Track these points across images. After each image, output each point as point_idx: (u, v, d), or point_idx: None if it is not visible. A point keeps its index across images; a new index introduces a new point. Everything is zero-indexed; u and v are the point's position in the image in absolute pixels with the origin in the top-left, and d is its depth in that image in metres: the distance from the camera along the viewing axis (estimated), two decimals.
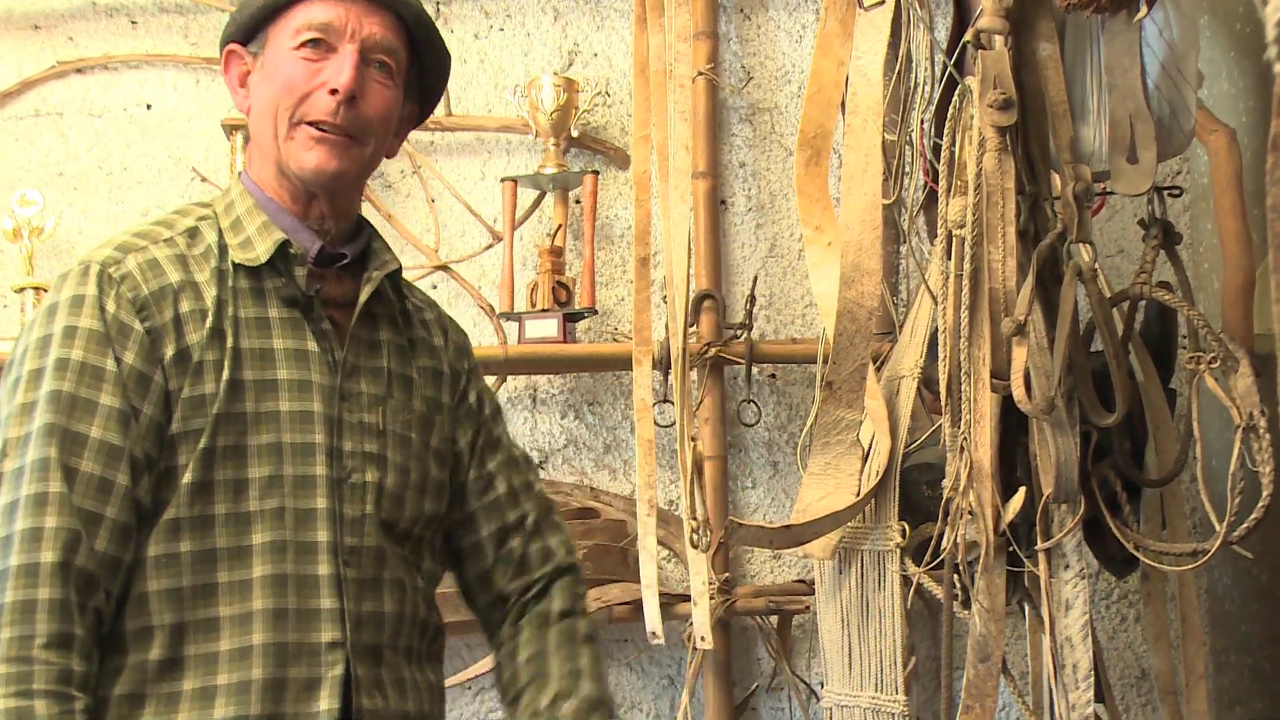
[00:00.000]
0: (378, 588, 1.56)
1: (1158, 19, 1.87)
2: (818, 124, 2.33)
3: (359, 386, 1.59)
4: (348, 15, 1.58)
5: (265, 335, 1.55)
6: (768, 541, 2.16)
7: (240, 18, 1.62)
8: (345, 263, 1.63)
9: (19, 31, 2.87)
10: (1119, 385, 1.87)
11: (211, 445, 1.49)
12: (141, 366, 1.49)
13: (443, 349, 1.73)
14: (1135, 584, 2.59)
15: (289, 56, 1.57)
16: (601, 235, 2.84)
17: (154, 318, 1.50)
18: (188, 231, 1.59)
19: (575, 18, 2.89)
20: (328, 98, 1.56)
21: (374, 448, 1.58)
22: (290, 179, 1.59)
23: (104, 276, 1.51)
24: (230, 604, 1.48)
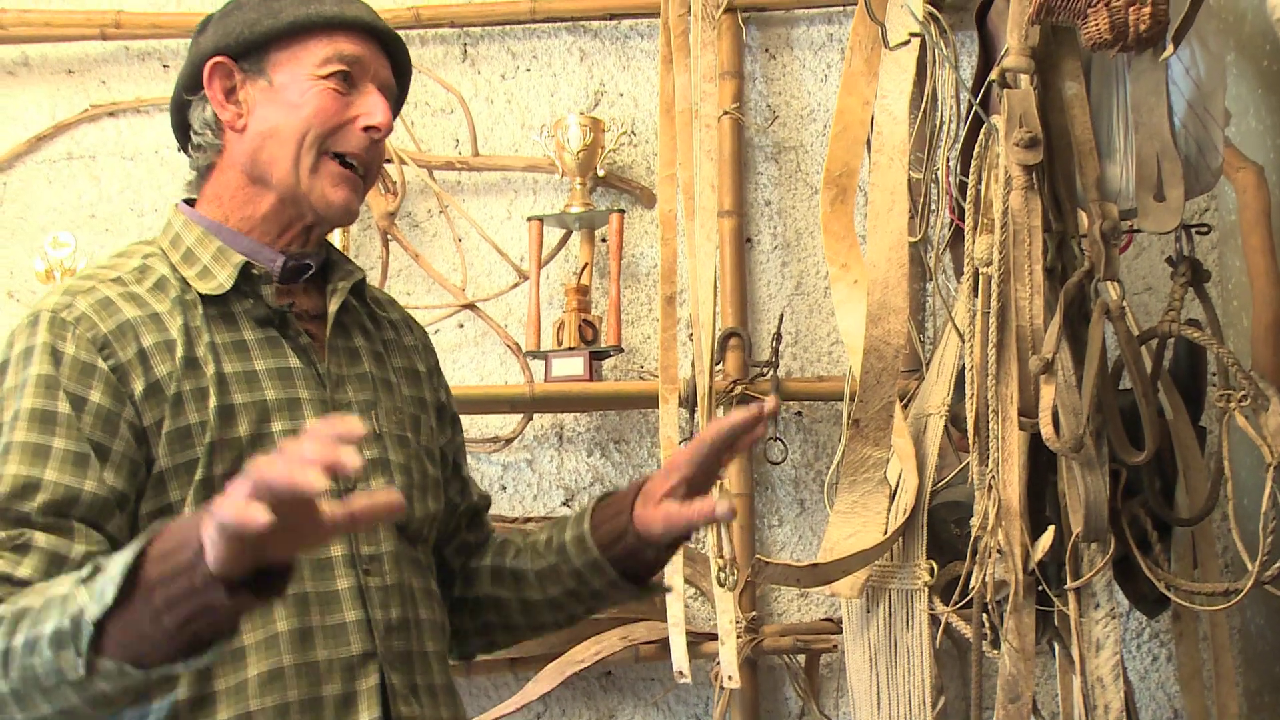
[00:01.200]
0: (402, 593, 1.55)
1: (1184, 57, 1.87)
2: (843, 162, 2.33)
3: (347, 395, 1.58)
4: (371, 55, 1.60)
5: (245, 358, 1.52)
6: (795, 580, 2.15)
7: (244, 33, 1.58)
8: (309, 276, 1.62)
9: (53, 76, 2.91)
10: (1148, 423, 1.86)
11: (209, 475, 1.46)
12: (109, 404, 1.44)
13: (414, 348, 1.74)
14: (1167, 623, 2.56)
15: (316, 85, 1.56)
16: (627, 273, 2.85)
17: (117, 355, 1.46)
18: (135, 269, 1.55)
19: (601, 58, 2.91)
20: (361, 134, 1.57)
21: (374, 453, 1.57)
22: (298, 208, 1.57)
23: (55, 321, 1.46)
24: (253, 630, 1.45)
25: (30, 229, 2.86)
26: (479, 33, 2.91)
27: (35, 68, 2.92)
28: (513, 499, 2.81)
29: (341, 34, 1.58)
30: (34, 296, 2.82)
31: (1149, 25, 1.72)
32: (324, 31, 1.57)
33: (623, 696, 2.76)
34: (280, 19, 1.57)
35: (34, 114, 2.90)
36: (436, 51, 2.91)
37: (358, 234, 2.84)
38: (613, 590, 1.66)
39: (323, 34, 1.57)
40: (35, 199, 2.88)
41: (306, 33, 1.57)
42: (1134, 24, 1.72)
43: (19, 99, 2.91)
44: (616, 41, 2.91)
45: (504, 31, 2.91)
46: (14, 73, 2.92)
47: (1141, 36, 1.73)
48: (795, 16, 2.89)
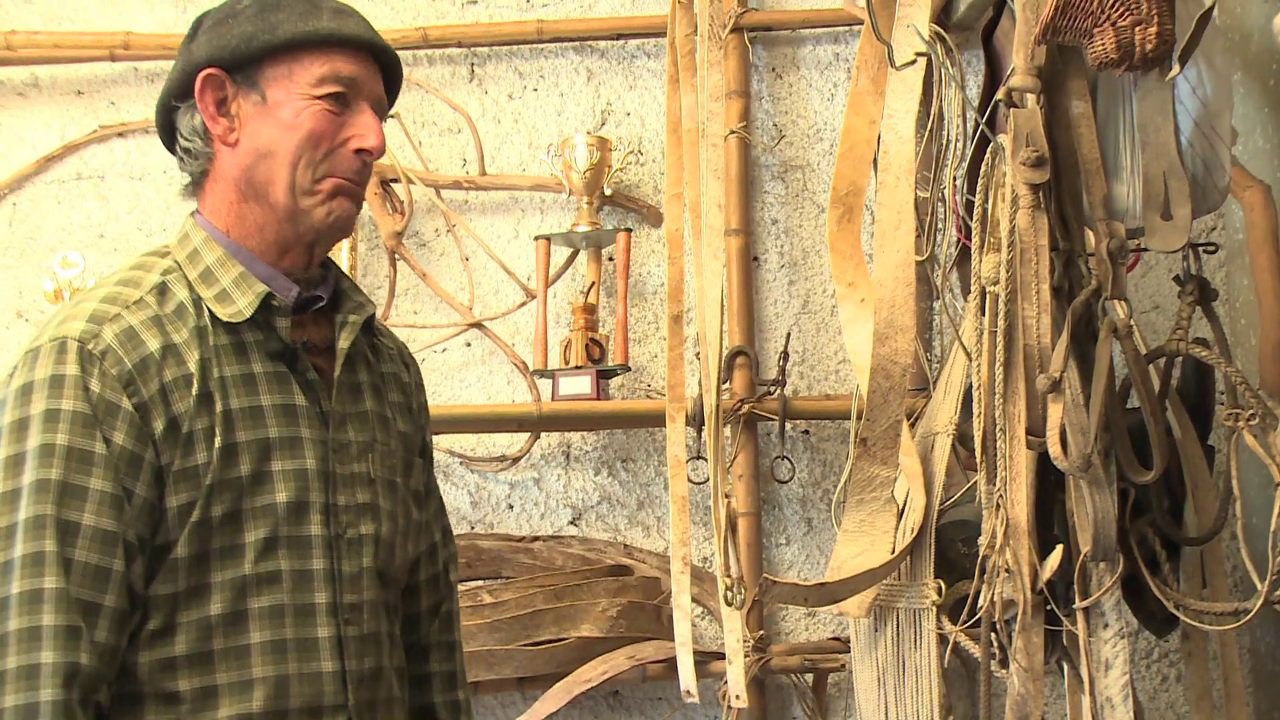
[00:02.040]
0: (375, 643, 1.55)
1: (1190, 76, 1.87)
2: (850, 181, 2.34)
3: (347, 435, 1.57)
4: (366, 73, 1.57)
5: (252, 393, 1.50)
6: (802, 599, 2.15)
7: (240, 47, 1.54)
8: (319, 305, 1.61)
9: (62, 96, 2.92)
10: (1156, 442, 1.85)
11: (205, 516, 1.45)
12: (133, 446, 1.43)
13: (409, 384, 1.73)
14: (1176, 643, 2.55)
15: (311, 105, 1.53)
16: (634, 292, 2.85)
17: (140, 392, 1.45)
18: (156, 289, 1.52)
19: (608, 78, 2.92)
20: (353, 156, 1.55)
21: (366, 497, 1.56)
22: (296, 228, 1.55)
23: (84, 354, 1.44)
24: (228, 671, 1.45)
25: (39, 249, 2.87)
26: (486, 53, 2.92)
27: (45, 89, 2.93)
28: (520, 518, 2.80)
29: (338, 52, 1.55)
30: (43, 316, 2.83)
31: (1155, 45, 1.72)
32: (320, 49, 1.54)
33: (630, 716, 2.75)
34: (277, 34, 1.54)
35: (43, 135, 2.91)
36: (444, 71, 2.92)
37: (365, 253, 2.85)
38: None
39: (319, 51, 1.54)
40: (44, 219, 2.89)
41: (302, 49, 1.54)
42: (1140, 43, 1.72)
43: (28, 120, 2.92)
44: (623, 61, 2.92)
45: (511, 51, 2.92)
46: (23, 94, 2.93)
47: (1148, 56, 1.73)
48: (801, 36, 2.89)
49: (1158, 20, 1.71)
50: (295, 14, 1.55)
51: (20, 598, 1.36)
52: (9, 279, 2.87)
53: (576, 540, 2.78)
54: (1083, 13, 1.74)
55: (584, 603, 2.57)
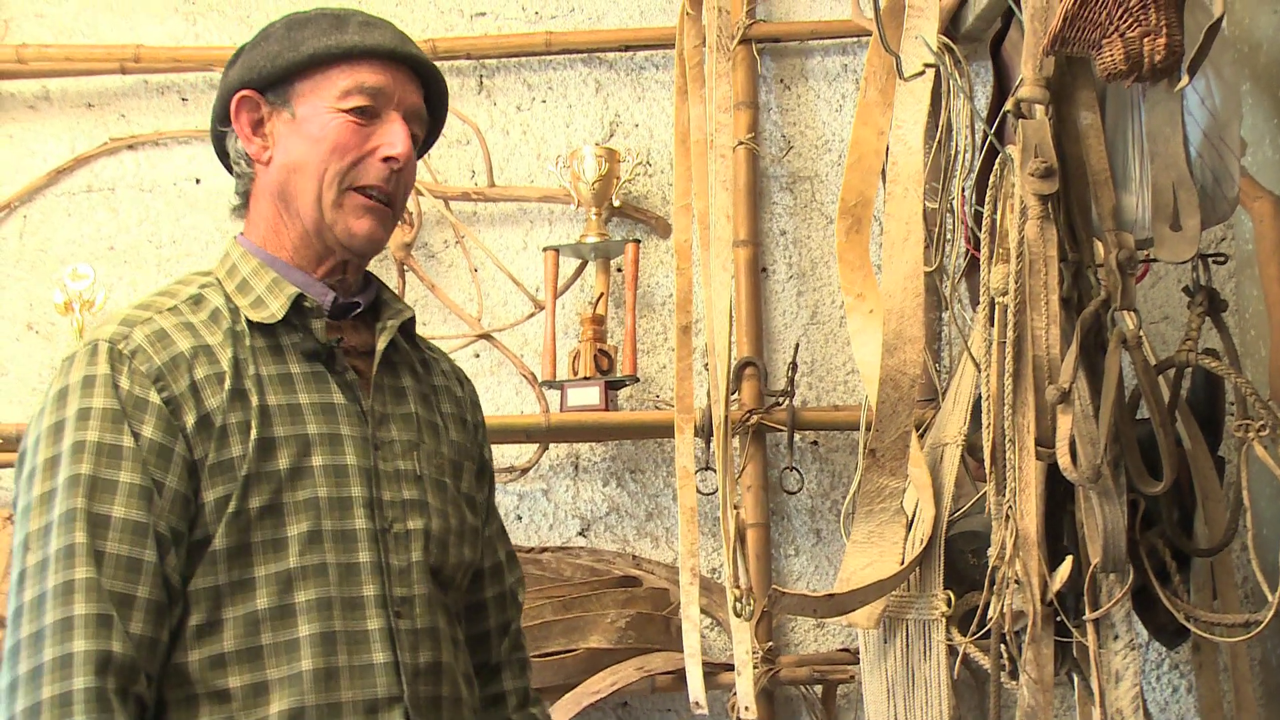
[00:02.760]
0: (433, 638, 1.54)
1: (1199, 87, 1.87)
2: (858, 192, 2.34)
3: (391, 434, 1.58)
4: (395, 83, 1.58)
5: (290, 391, 1.52)
6: (811, 610, 2.14)
7: (266, 66, 1.58)
8: (358, 312, 1.62)
9: (73, 109, 2.93)
10: (1166, 453, 1.85)
11: (242, 508, 1.46)
12: (161, 439, 1.45)
13: (463, 399, 1.74)
14: (1187, 655, 2.55)
15: (336, 117, 1.55)
16: (643, 303, 2.85)
17: (170, 388, 1.47)
18: (191, 299, 1.56)
19: (616, 89, 2.92)
20: (381, 165, 1.56)
21: (414, 494, 1.57)
22: (325, 242, 1.57)
23: (114, 353, 1.47)
24: (278, 666, 1.45)
25: (50, 261, 2.88)
26: (495, 64, 2.93)
27: (55, 101, 2.94)
28: (529, 529, 2.80)
29: (363, 64, 1.57)
30: (53, 328, 2.84)
31: (1164, 55, 1.72)
32: (345, 62, 1.56)
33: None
34: (300, 51, 1.56)
35: (54, 147, 2.92)
36: (453, 83, 2.92)
37: (375, 265, 2.84)
38: None
39: (344, 64, 1.56)
40: (55, 231, 2.90)
41: (328, 64, 1.56)
42: (1149, 54, 1.72)
43: (39, 132, 2.93)
44: (631, 73, 2.92)
45: (520, 63, 2.93)
46: (34, 106, 2.94)
47: (1156, 67, 1.73)
48: (810, 47, 2.90)
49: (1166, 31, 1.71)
50: (320, 30, 1.58)
51: (55, 591, 1.38)
52: (20, 291, 2.88)
53: (585, 551, 2.77)
54: (1091, 24, 1.74)
55: (593, 614, 2.56)
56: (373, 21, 1.61)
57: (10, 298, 2.89)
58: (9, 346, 2.86)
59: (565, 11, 2.94)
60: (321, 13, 1.61)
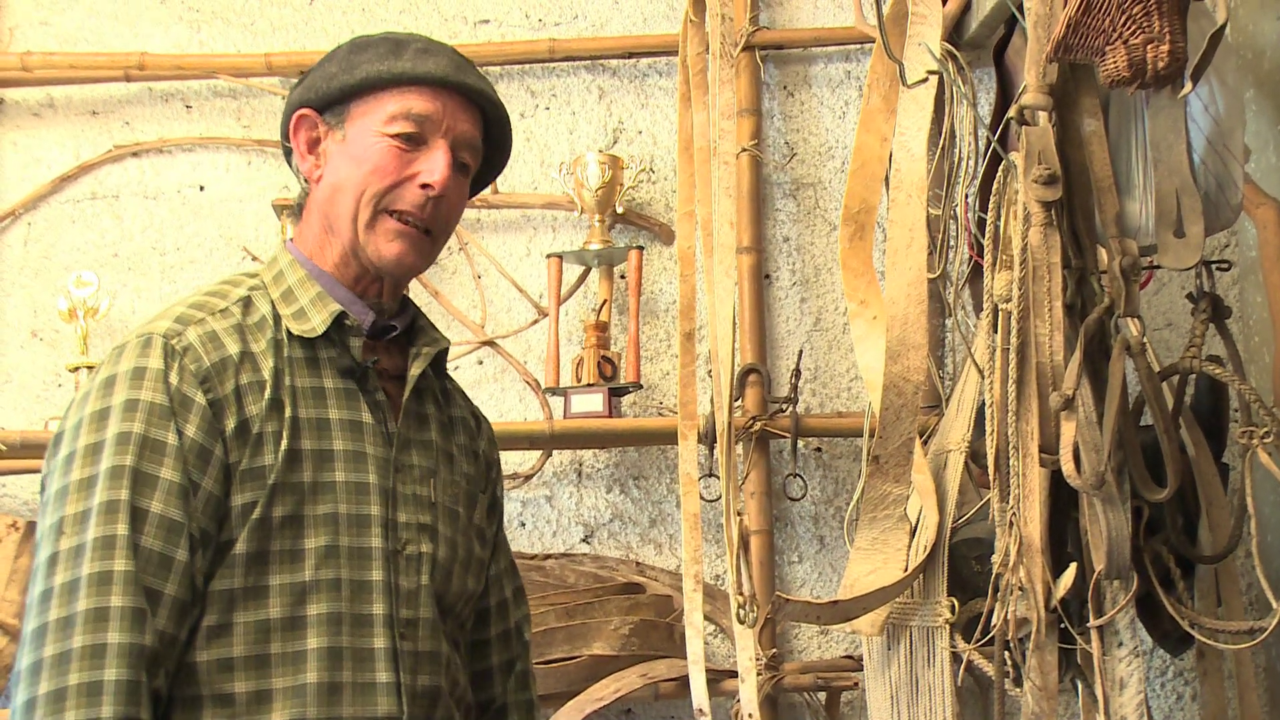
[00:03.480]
0: (434, 661, 1.55)
1: (1203, 94, 1.87)
2: (862, 199, 2.34)
3: (411, 459, 1.59)
4: (444, 110, 1.59)
5: (321, 405, 1.54)
6: (815, 617, 2.14)
7: (326, 86, 1.60)
8: (394, 335, 1.64)
9: (77, 117, 2.94)
10: (1170, 460, 1.85)
11: (266, 515, 1.48)
12: (203, 440, 1.47)
13: (477, 434, 1.75)
14: (1191, 662, 2.54)
15: (380, 141, 1.57)
16: (646, 310, 2.85)
17: (216, 390, 1.49)
18: (241, 301, 1.58)
19: (620, 96, 2.92)
20: (418, 191, 1.57)
21: (427, 519, 1.58)
22: (361, 262, 1.60)
23: (168, 349, 1.49)
24: (284, 676, 1.46)
25: (54, 268, 2.88)
26: (498, 71, 2.93)
27: (60, 109, 2.95)
28: (532, 535, 2.80)
29: (413, 90, 1.58)
30: (58, 336, 2.84)
31: (1167, 63, 1.72)
32: (396, 87, 1.58)
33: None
34: (354, 75, 1.59)
35: (58, 154, 2.93)
36: None
37: None
38: None
39: (395, 90, 1.58)
40: (59, 238, 2.90)
41: (380, 88, 1.58)
42: (1152, 61, 1.72)
43: (44, 140, 2.94)
44: (635, 80, 2.93)
45: (523, 70, 2.93)
46: (39, 114, 2.95)
47: (1160, 74, 1.73)
48: (813, 54, 2.90)
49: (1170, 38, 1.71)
50: (378, 55, 1.60)
51: (90, 579, 1.39)
52: (24, 298, 2.89)
53: (588, 558, 2.77)
54: (1094, 31, 1.74)
55: (596, 621, 2.56)
56: (432, 48, 1.62)
57: (14, 305, 2.89)
58: (13, 354, 2.86)
59: (569, 19, 2.95)
60: (385, 37, 1.63)
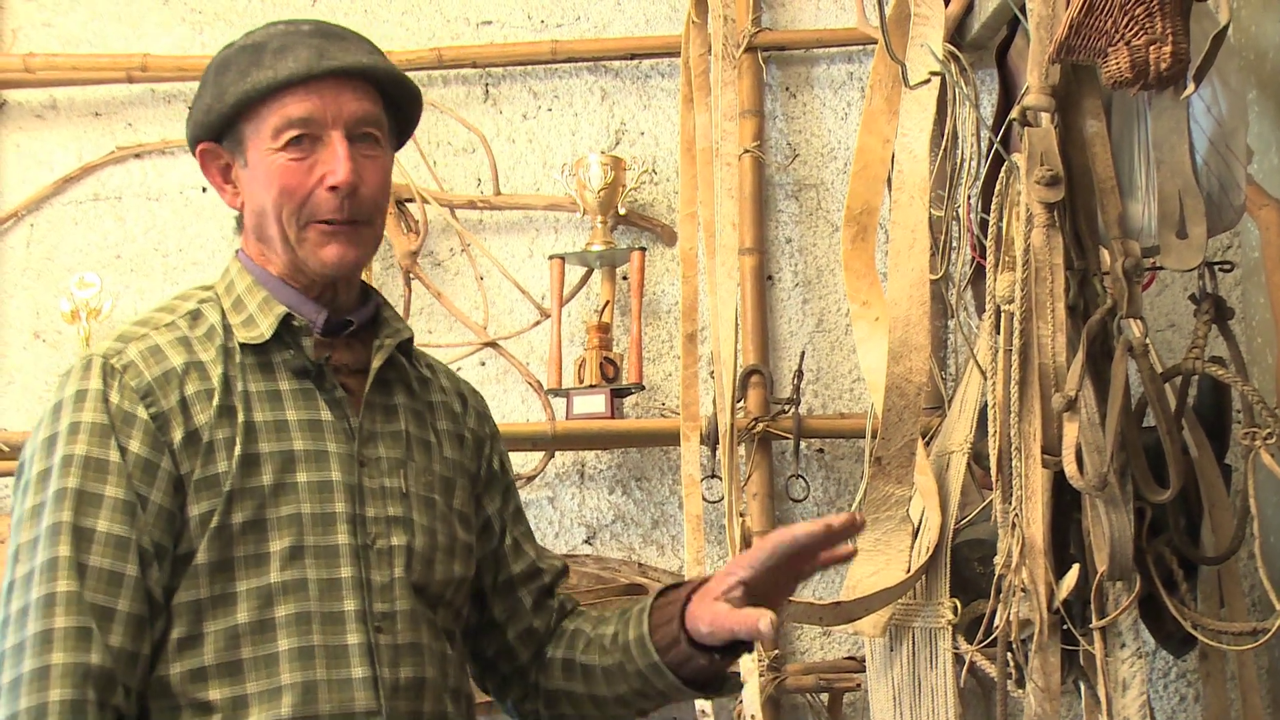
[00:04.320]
0: (415, 653, 1.54)
1: (1205, 95, 1.87)
2: (864, 200, 2.34)
3: (377, 451, 1.57)
4: (324, 102, 1.53)
5: (278, 407, 1.53)
6: (818, 618, 2.14)
7: (205, 119, 1.56)
8: (354, 329, 1.61)
9: (80, 118, 2.94)
10: (1173, 461, 1.85)
11: (225, 523, 1.47)
12: (147, 454, 1.46)
13: (463, 414, 1.72)
14: (1194, 663, 2.54)
15: (274, 159, 1.53)
16: (649, 311, 2.85)
17: (159, 403, 1.48)
18: (190, 314, 1.57)
19: (622, 97, 2.92)
20: (329, 195, 1.52)
21: (398, 511, 1.56)
22: (307, 272, 1.57)
23: (106, 368, 1.49)
24: (258, 679, 1.46)
25: (56, 270, 2.88)
26: (500, 73, 2.93)
27: (63, 110, 2.95)
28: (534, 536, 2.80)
29: (286, 95, 1.52)
30: (60, 337, 2.84)
31: (1170, 64, 1.72)
32: (268, 99, 1.52)
33: None
34: (225, 101, 1.54)
35: (61, 156, 2.93)
36: (458, 92, 2.93)
37: (380, 273, 2.85)
38: (679, 695, 1.63)
39: (268, 101, 1.52)
40: (62, 240, 2.90)
41: (255, 104, 1.53)
42: (1155, 62, 1.72)
43: (47, 142, 2.94)
44: (637, 81, 2.93)
45: (525, 72, 2.93)
46: (42, 116, 2.95)
47: (1162, 75, 1.73)
48: (815, 55, 2.90)
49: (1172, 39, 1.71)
50: (239, 71, 1.54)
51: (38, 603, 1.41)
52: (27, 299, 2.89)
53: (591, 559, 2.77)
54: (1097, 32, 1.74)
55: None
56: (289, 42, 1.55)
57: (17, 306, 2.89)
58: (16, 355, 2.86)
59: (571, 20, 2.95)
60: (242, 47, 1.57)
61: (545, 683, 1.71)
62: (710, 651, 1.55)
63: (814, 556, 1.52)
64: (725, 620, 1.50)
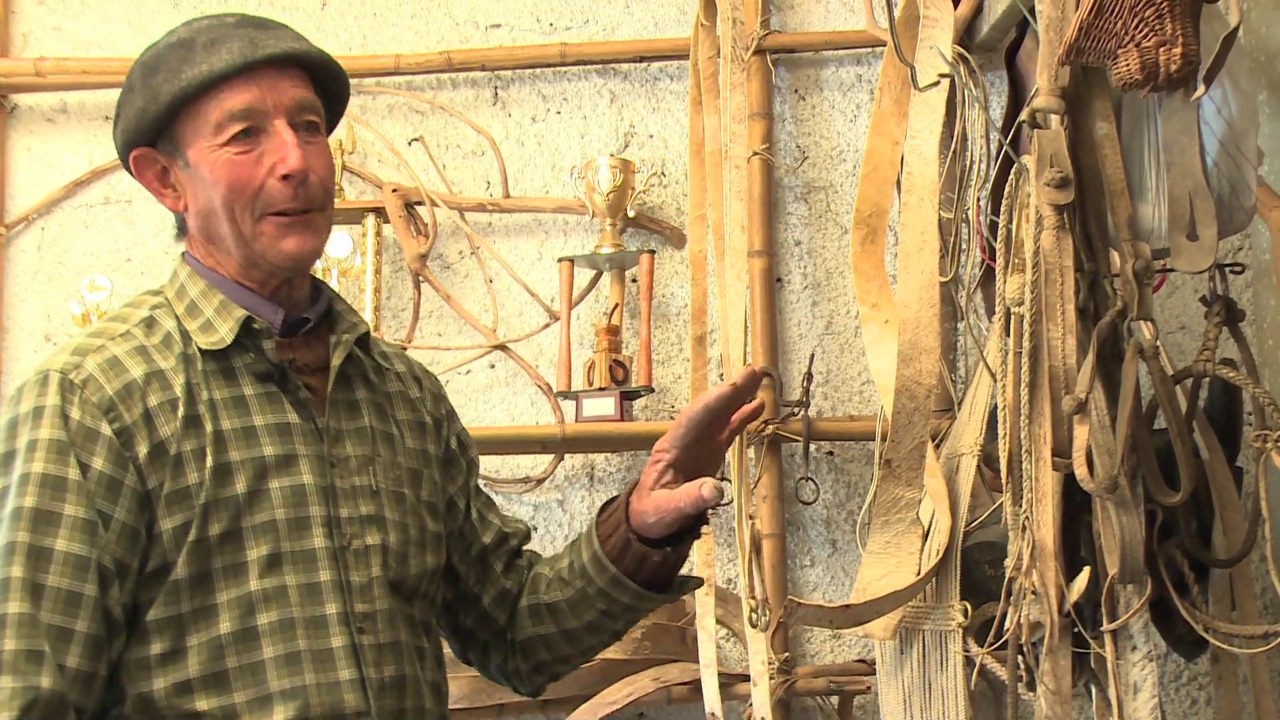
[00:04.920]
0: (396, 651, 1.54)
1: (1215, 97, 1.87)
2: (873, 202, 2.34)
3: (345, 450, 1.56)
4: (263, 91, 1.51)
5: (244, 414, 1.51)
6: (828, 621, 2.14)
7: (139, 123, 1.52)
8: (310, 327, 1.60)
9: (90, 122, 2.95)
10: (1183, 463, 1.84)
11: (203, 536, 1.45)
12: (111, 471, 1.44)
13: (420, 400, 1.71)
14: (1206, 666, 2.53)
15: (220, 155, 1.50)
16: (658, 314, 2.85)
17: (122, 418, 1.45)
18: (143, 322, 1.54)
19: (631, 100, 2.93)
20: (281, 185, 1.50)
21: (371, 509, 1.56)
22: (263, 268, 1.55)
23: (65, 384, 1.45)
24: (245, 689, 1.45)
25: (67, 273, 2.89)
26: (509, 76, 2.93)
27: (73, 114, 2.96)
28: (544, 539, 2.80)
29: (223, 88, 1.50)
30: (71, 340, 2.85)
31: (1180, 65, 1.72)
32: (205, 94, 1.50)
33: None
34: (160, 101, 1.51)
35: (71, 160, 2.94)
36: (468, 95, 2.93)
37: (389, 276, 2.86)
38: (642, 601, 1.64)
39: (205, 96, 1.50)
40: (72, 243, 2.91)
41: (191, 101, 1.50)
42: (1165, 64, 1.72)
43: (57, 145, 2.95)
44: (646, 84, 2.93)
45: (534, 75, 2.93)
46: (52, 120, 2.96)
47: (1172, 76, 1.73)
48: (824, 58, 2.90)
49: (1182, 41, 1.71)
50: (171, 70, 1.51)
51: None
52: (38, 303, 2.90)
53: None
54: (1107, 34, 1.74)
55: None
56: (219, 34, 1.53)
57: (28, 309, 2.90)
58: (27, 358, 2.87)
59: (580, 23, 2.95)
60: (170, 45, 1.54)
61: (518, 635, 1.71)
62: (662, 546, 1.58)
63: (728, 421, 1.58)
64: (668, 502, 1.54)
